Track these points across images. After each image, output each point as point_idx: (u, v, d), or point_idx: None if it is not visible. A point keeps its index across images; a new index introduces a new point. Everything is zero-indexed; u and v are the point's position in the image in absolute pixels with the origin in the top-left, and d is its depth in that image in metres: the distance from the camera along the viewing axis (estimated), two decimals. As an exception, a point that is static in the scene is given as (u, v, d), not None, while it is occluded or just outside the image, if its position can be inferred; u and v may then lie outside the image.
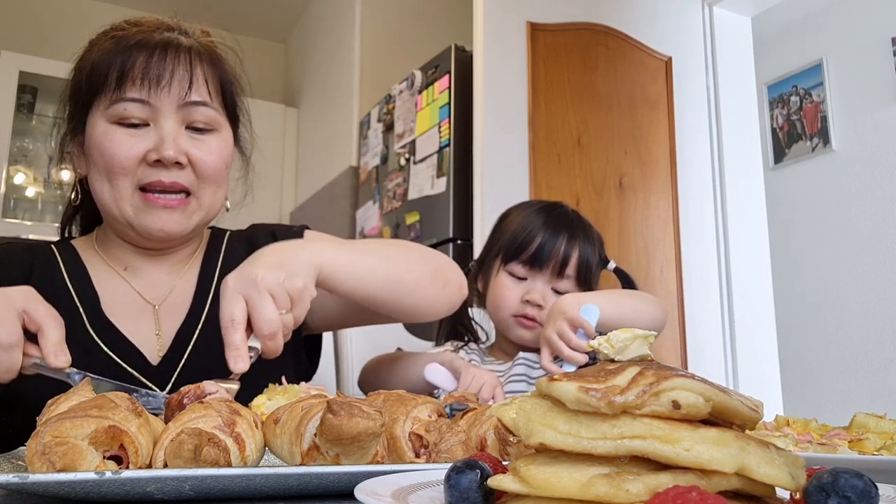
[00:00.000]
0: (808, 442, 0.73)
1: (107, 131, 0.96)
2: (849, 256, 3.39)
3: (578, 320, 1.15)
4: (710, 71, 3.34)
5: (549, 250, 1.33)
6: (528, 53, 2.83)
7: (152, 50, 0.97)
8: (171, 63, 0.98)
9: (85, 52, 1.03)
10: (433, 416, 0.61)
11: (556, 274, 1.34)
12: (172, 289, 1.08)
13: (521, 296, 1.34)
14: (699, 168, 3.23)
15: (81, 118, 1.00)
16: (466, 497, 0.37)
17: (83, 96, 1.00)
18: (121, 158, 0.95)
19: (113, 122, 0.97)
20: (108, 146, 0.96)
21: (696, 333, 3.04)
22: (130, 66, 0.96)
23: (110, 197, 0.98)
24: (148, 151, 0.96)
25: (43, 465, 0.47)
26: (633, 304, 1.30)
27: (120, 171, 0.96)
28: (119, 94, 0.96)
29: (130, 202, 0.98)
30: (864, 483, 0.33)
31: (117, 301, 1.03)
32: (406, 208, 3.03)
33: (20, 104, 3.85)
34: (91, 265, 1.06)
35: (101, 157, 0.97)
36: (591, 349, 0.40)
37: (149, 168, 0.96)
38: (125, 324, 1.01)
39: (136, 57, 0.97)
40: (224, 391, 0.71)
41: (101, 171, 0.97)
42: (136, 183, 0.97)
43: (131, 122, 0.96)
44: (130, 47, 0.98)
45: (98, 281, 1.05)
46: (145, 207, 0.98)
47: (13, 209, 3.86)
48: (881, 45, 3.32)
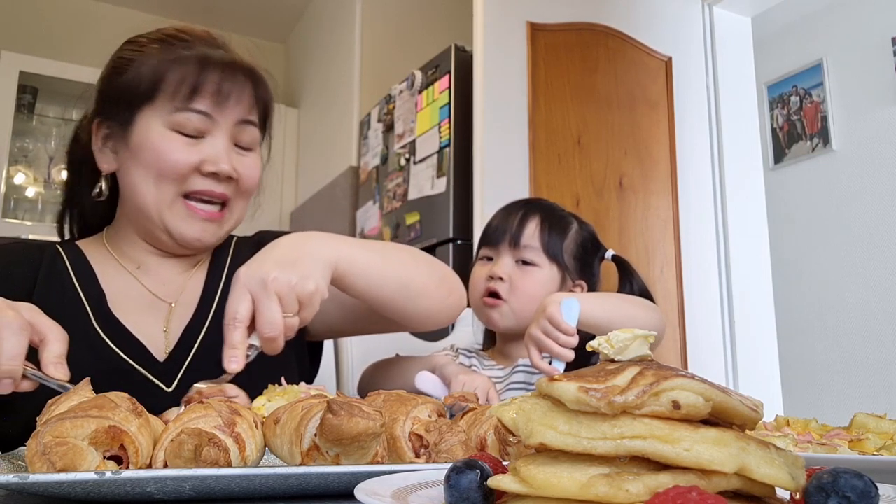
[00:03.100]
0: (808, 442, 0.73)
1: (164, 136, 0.99)
2: (849, 256, 3.39)
3: (555, 318, 1.13)
4: (710, 71, 3.34)
5: (504, 223, 1.36)
6: (528, 53, 2.83)
7: (223, 68, 1.02)
8: (238, 83, 1.03)
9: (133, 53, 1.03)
10: (433, 416, 0.61)
11: (514, 245, 1.34)
12: (183, 288, 1.09)
13: (486, 275, 1.36)
14: (699, 168, 3.23)
15: (128, 117, 1.01)
16: (466, 497, 0.37)
17: (137, 98, 1.00)
18: (177, 165, 0.98)
19: (171, 129, 0.99)
20: (166, 151, 0.98)
21: (696, 333, 3.04)
22: (203, 82, 1.00)
23: (153, 199, 1.00)
24: (203, 162, 0.99)
25: (43, 465, 0.47)
26: (629, 310, 1.27)
27: (172, 177, 0.99)
28: (187, 104, 0.99)
29: (173, 208, 1.01)
30: (864, 483, 0.33)
31: (124, 298, 1.04)
32: (406, 208, 3.03)
33: (20, 104, 3.85)
34: (97, 263, 1.07)
35: (156, 161, 0.99)
36: (591, 349, 0.40)
37: (199, 177, 1.00)
38: (131, 320, 1.02)
39: (209, 73, 1.00)
40: (245, 396, 0.72)
41: (149, 172, 0.99)
42: (182, 190, 1.00)
43: (188, 132, 1.00)
44: (201, 61, 1.01)
45: (104, 278, 1.05)
46: (187, 216, 1.02)
47: (13, 209, 3.86)
48: (881, 45, 3.32)
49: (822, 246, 3.52)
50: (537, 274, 1.34)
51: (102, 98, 1.05)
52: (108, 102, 1.04)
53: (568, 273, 1.37)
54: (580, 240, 1.40)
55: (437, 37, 3.47)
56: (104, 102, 1.05)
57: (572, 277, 1.39)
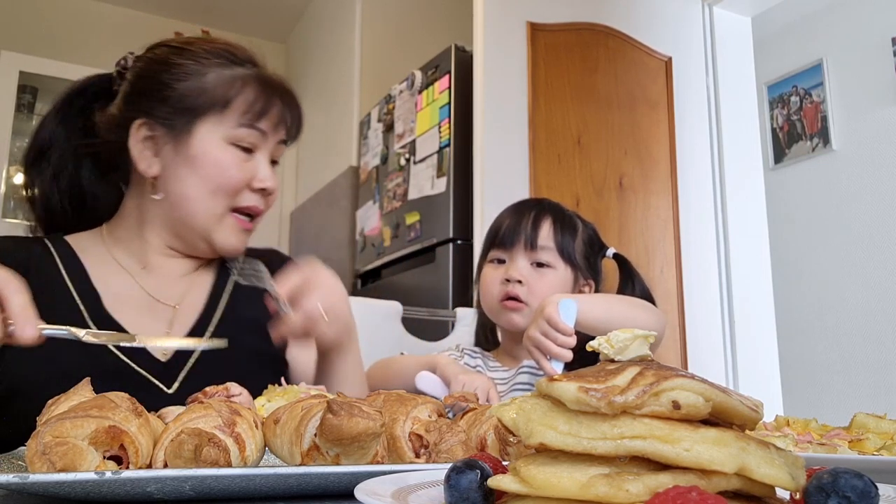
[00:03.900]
0: (808, 442, 0.73)
1: (224, 150, 1.01)
2: (849, 256, 3.39)
3: (553, 319, 1.14)
4: (710, 71, 3.34)
5: (517, 225, 1.35)
6: (528, 53, 2.83)
7: (283, 91, 1.07)
8: (292, 107, 1.09)
9: (190, 61, 1.03)
10: (433, 416, 0.61)
11: (530, 247, 1.33)
12: (186, 290, 1.08)
13: (502, 278, 1.34)
14: (699, 168, 3.23)
15: (185, 125, 1.01)
16: (466, 497, 0.37)
17: (200, 108, 1.01)
18: (235, 181, 1.02)
19: (229, 142, 1.02)
20: (227, 166, 1.01)
21: (696, 333, 3.04)
22: (270, 103, 1.04)
23: (202, 210, 1.02)
24: (253, 179, 1.03)
25: (43, 465, 0.47)
26: (628, 311, 1.27)
27: (227, 191, 1.02)
28: (252, 122, 1.02)
29: (223, 221, 1.04)
30: (864, 483, 0.33)
31: (122, 298, 1.03)
32: (406, 208, 3.03)
33: (20, 104, 3.85)
34: (90, 261, 1.05)
35: (217, 175, 1.01)
36: (591, 349, 0.40)
37: (248, 193, 1.04)
38: (131, 322, 1.01)
39: (274, 95, 1.05)
40: (248, 395, 0.72)
41: (205, 184, 1.01)
42: (232, 204, 1.03)
43: (244, 146, 1.03)
44: (267, 83, 1.05)
45: (98, 278, 1.04)
46: (236, 230, 1.05)
47: (13, 209, 3.86)
48: (881, 45, 3.32)
49: (822, 246, 3.52)
50: (552, 275, 1.34)
51: (148, 99, 1.03)
52: (157, 105, 1.02)
53: (580, 272, 1.38)
54: (587, 239, 1.41)
55: (437, 37, 3.47)
56: (152, 104, 1.02)
57: (584, 276, 1.39)
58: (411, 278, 2.96)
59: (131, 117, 1.03)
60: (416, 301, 2.44)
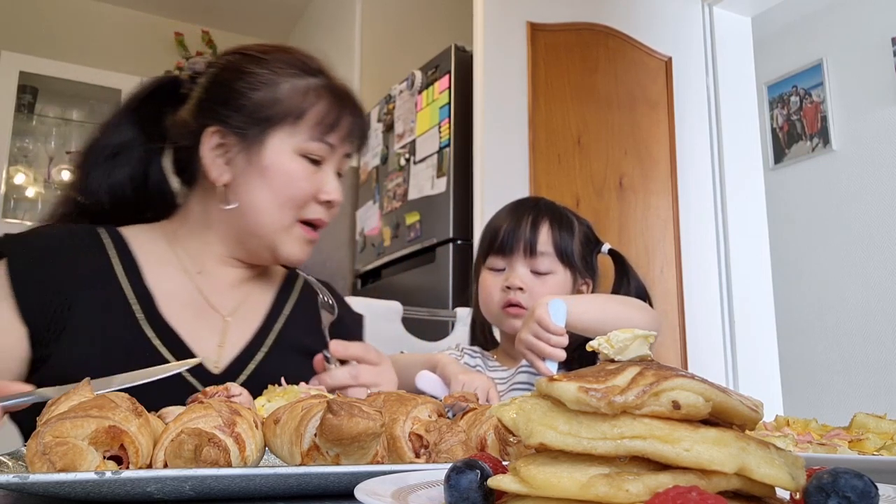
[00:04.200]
0: (808, 442, 0.73)
1: (295, 161, 1.01)
2: (849, 256, 3.39)
3: (544, 320, 1.14)
4: (710, 71, 3.34)
5: (516, 231, 1.34)
6: (528, 53, 2.83)
7: (354, 107, 1.07)
8: (360, 123, 1.09)
9: (265, 70, 1.02)
10: (433, 416, 0.61)
11: (530, 254, 1.33)
12: (241, 301, 1.07)
13: (502, 285, 1.34)
14: (699, 168, 3.23)
15: (258, 135, 1.00)
16: (466, 497, 0.37)
17: (275, 118, 1.00)
18: (304, 193, 1.02)
19: (299, 154, 1.01)
20: (297, 178, 1.01)
21: (696, 333, 3.04)
22: (342, 117, 1.04)
23: (271, 220, 1.01)
24: (320, 192, 1.03)
25: (43, 465, 0.47)
26: (621, 311, 1.27)
27: (296, 203, 1.01)
28: (324, 136, 1.02)
29: (291, 232, 1.03)
30: (864, 483, 0.33)
31: (176, 300, 1.01)
32: (406, 208, 3.03)
33: (20, 104, 3.85)
34: (144, 256, 1.02)
35: (287, 186, 1.00)
36: (591, 349, 0.40)
37: (315, 205, 1.04)
38: (185, 328, 0.98)
39: (347, 110, 1.05)
40: (248, 395, 0.72)
41: (276, 195, 1.00)
42: (300, 216, 1.03)
43: (313, 158, 1.02)
44: (342, 97, 1.05)
45: (152, 276, 1.01)
46: (302, 241, 1.05)
47: (13, 209, 3.86)
48: (881, 45, 3.32)
49: (822, 246, 3.52)
50: (552, 280, 1.34)
51: (222, 107, 1.02)
52: (231, 114, 1.01)
53: (578, 273, 1.38)
54: (583, 238, 1.40)
55: (437, 37, 3.47)
56: (226, 112, 1.01)
57: (582, 276, 1.39)
58: (411, 278, 2.96)
59: (204, 124, 1.02)
60: (416, 301, 2.44)
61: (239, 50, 1.07)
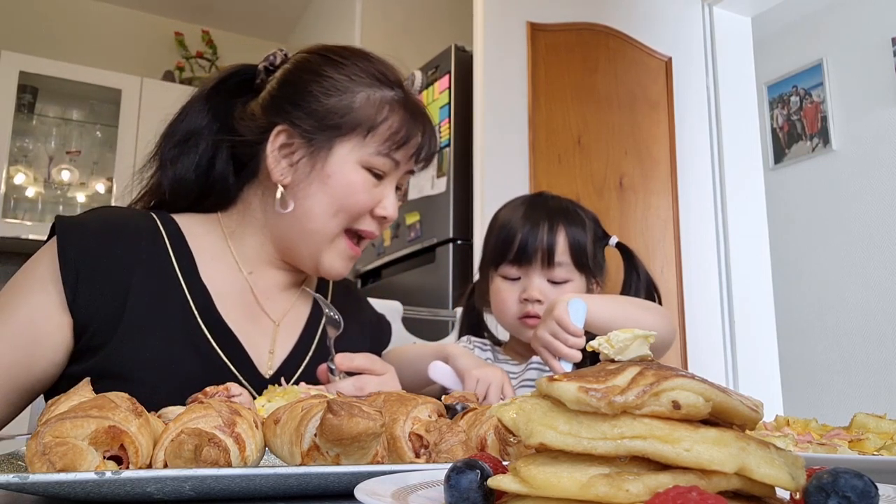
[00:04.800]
0: (808, 442, 0.73)
1: (358, 173, 0.99)
2: (849, 256, 3.39)
3: (563, 320, 1.12)
4: (710, 71, 3.34)
5: (533, 243, 1.30)
6: (528, 53, 2.83)
7: (425, 125, 1.05)
8: (428, 142, 1.07)
9: (342, 76, 1.00)
10: (433, 416, 0.61)
11: (547, 265, 1.30)
12: (290, 307, 1.07)
13: (519, 296, 1.32)
14: (699, 168, 3.23)
15: (326, 141, 0.98)
16: (466, 497, 0.37)
17: (345, 127, 0.98)
18: (361, 205, 1.00)
19: (363, 166, 0.99)
20: (358, 190, 0.99)
21: (696, 333, 3.04)
22: (410, 136, 1.02)
23: (321, 228, 0.99)
24: (378, 207, 1.01)
25: (43, 466, 0.47)
26: (638, 314, 1.25)
27: (352, 213, 1.00)
28: (391, 152, 1.00)
29: (335, 243, 1.01)
30: (864, 483, 0.33)
31: (231, 301, 0.99)
32: (406, 208, 3.03)
33: (20, 104, 3.85)
34: (199, 249, 1.00)
35: (346, 196, 0.98)
36: (591, 349, 0.40)
37: (369, 218, 1.02)
38: (241, 330, 0.97)
39: (417, 129, 1.03)
40: (247, 395, 0.72)
41: (332, 203, 0.98)
42: (350, 226, 1.01)
43: (375, 172, 1.00)
44: (414, 114, 1.03)
45: (207, 272, 0.98)
46: (345, 254, 1.03)
47: (13, 209, 3.86)
48: (881, 45, 3.32)
49: (822, 246, 3.53)
50: (569, 287, 1.32)
51: (293, 107, 0.99)
52: (302, 116, 0.99)
53: (592, 275, 1.37)
54: (592, 236, 1.38)
55: (437, 37, 3.47)
56: (297, 113, 0.99)
57: (594, 277, 1.38)
58: (411, 278, 2.96)
59: (273, 122, 1.00)
60: (417, 301, 2.44)
61: (318, 50, 1.05)
